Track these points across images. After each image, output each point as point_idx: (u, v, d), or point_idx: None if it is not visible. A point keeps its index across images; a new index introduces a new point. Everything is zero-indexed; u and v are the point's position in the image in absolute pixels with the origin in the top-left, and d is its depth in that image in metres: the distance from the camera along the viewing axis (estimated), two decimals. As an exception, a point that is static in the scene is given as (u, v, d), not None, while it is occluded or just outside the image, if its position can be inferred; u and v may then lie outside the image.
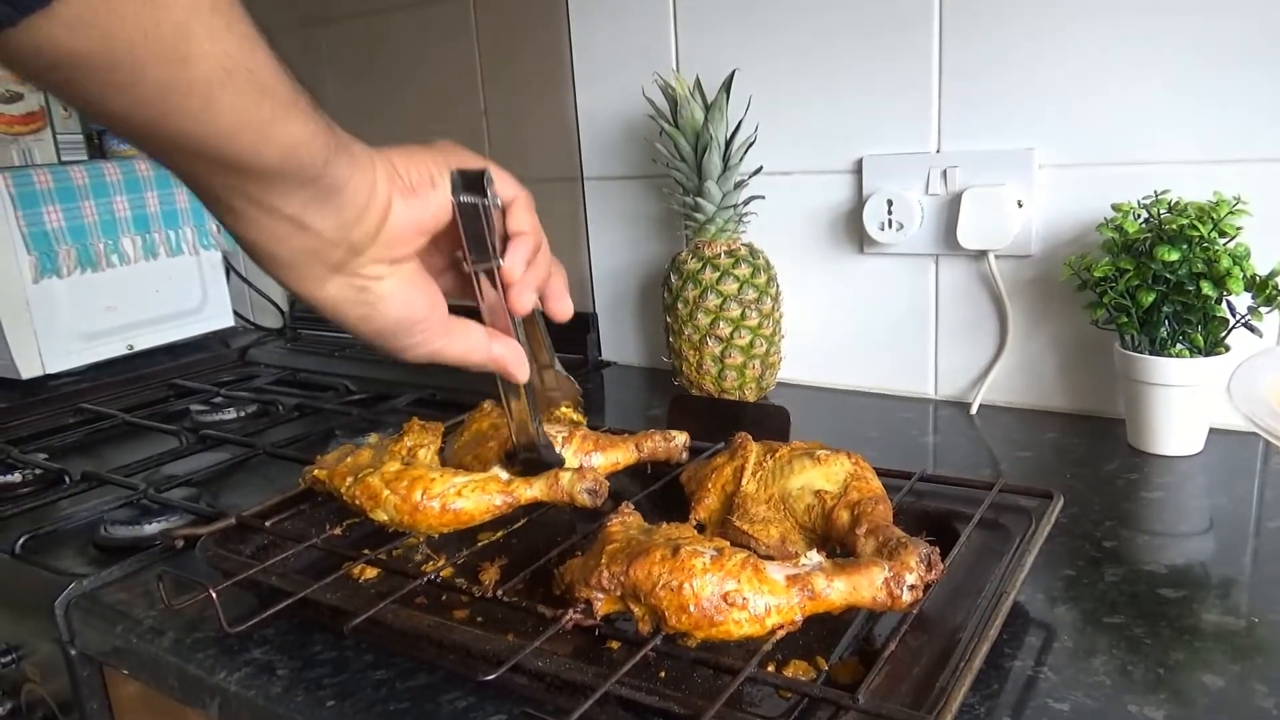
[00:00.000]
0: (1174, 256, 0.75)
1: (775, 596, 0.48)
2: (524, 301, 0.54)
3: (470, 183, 0.50)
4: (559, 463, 0.67)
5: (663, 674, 0.51)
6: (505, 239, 0.53)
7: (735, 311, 0.97)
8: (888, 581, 0.50)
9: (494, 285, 0.53)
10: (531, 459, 0.65)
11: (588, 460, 0.70)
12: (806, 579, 0.50)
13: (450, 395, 1.09)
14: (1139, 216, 0.79)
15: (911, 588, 0.50)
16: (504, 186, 0.53)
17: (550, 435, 0.68)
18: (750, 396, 1.00)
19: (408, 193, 0.47)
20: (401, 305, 0.48)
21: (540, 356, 0.65)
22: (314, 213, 0.43)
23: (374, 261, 0.46)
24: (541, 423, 0.65)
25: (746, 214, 1.00)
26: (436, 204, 0.49)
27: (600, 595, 0.51)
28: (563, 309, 0.58)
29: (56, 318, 1.30)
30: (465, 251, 0.52)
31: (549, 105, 1.20)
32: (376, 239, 0.46)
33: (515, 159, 1.27)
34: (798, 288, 1.05)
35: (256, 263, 0.45)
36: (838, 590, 0.50)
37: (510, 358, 0.55)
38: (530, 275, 0.54)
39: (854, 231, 1.01)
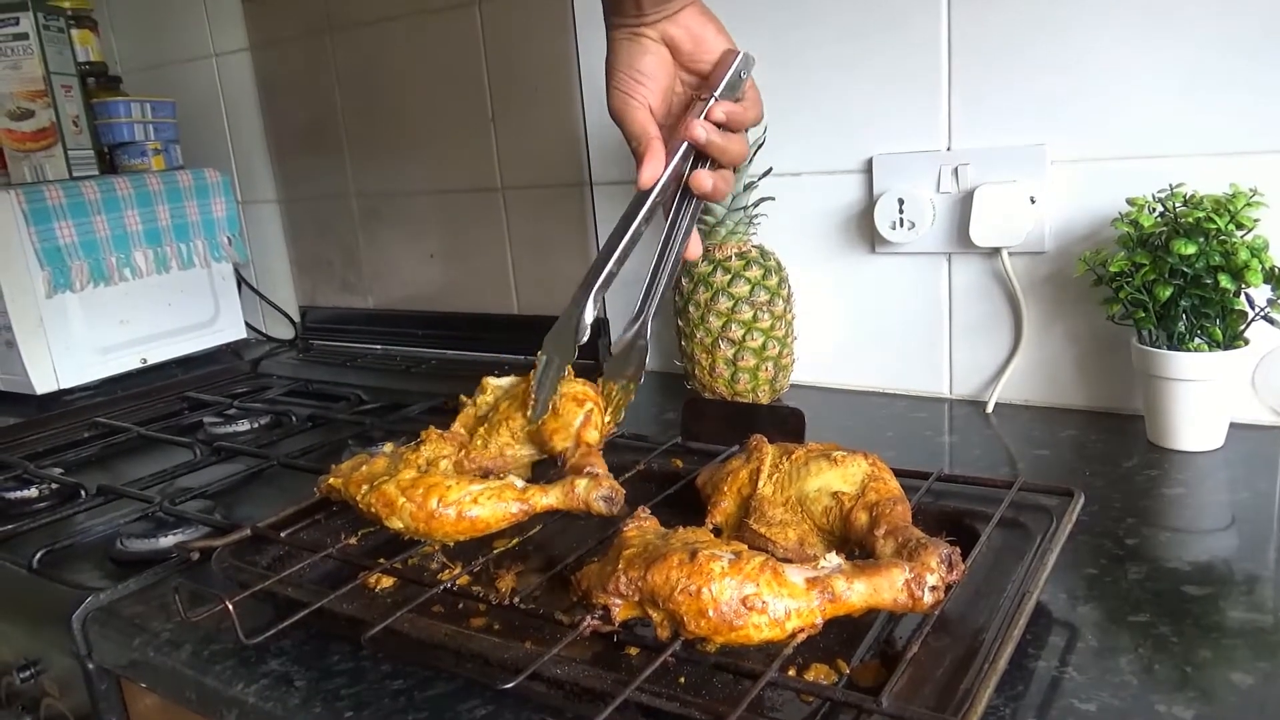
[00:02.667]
0: (1191, 250, 0.74)
1: (795, 599, 0.48)
2: (696, 128, 0.64)
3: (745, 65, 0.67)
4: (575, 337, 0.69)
5: (682, 680, 0.51)
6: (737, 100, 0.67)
7: (747, 314, 0.96)
8: (908, 583, 0.49)
9: (699, 112, 0.65)
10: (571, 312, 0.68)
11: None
12: (826, 581, 0.49)
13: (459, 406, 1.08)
14: (1154, 210, 0.79)
15: (933, 589, 0.49)
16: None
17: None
18: (763, 399, 1.00)
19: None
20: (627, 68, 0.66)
21: (645, 318, 0.71)
22: None
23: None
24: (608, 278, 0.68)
25: (757, 216, 1.00)
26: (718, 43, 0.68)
27: (618, 601, 0.51)
28: (703, 181, 0.66)
29: (70, 332, 1.31)
30: (708, 84, 0.66)
31: (556, 111, 1.20)
32: None
33: (522, 165, 1.27)
34: (809, 289, 1.04)
35: None
36: (858, 592, 0.49)
37: (655, 153, 0.65)
38: (720, 134, 0.66)
39: (865, 231, 1.00)
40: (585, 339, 0.67)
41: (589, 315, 0.67)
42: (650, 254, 0.70)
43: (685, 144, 0.65)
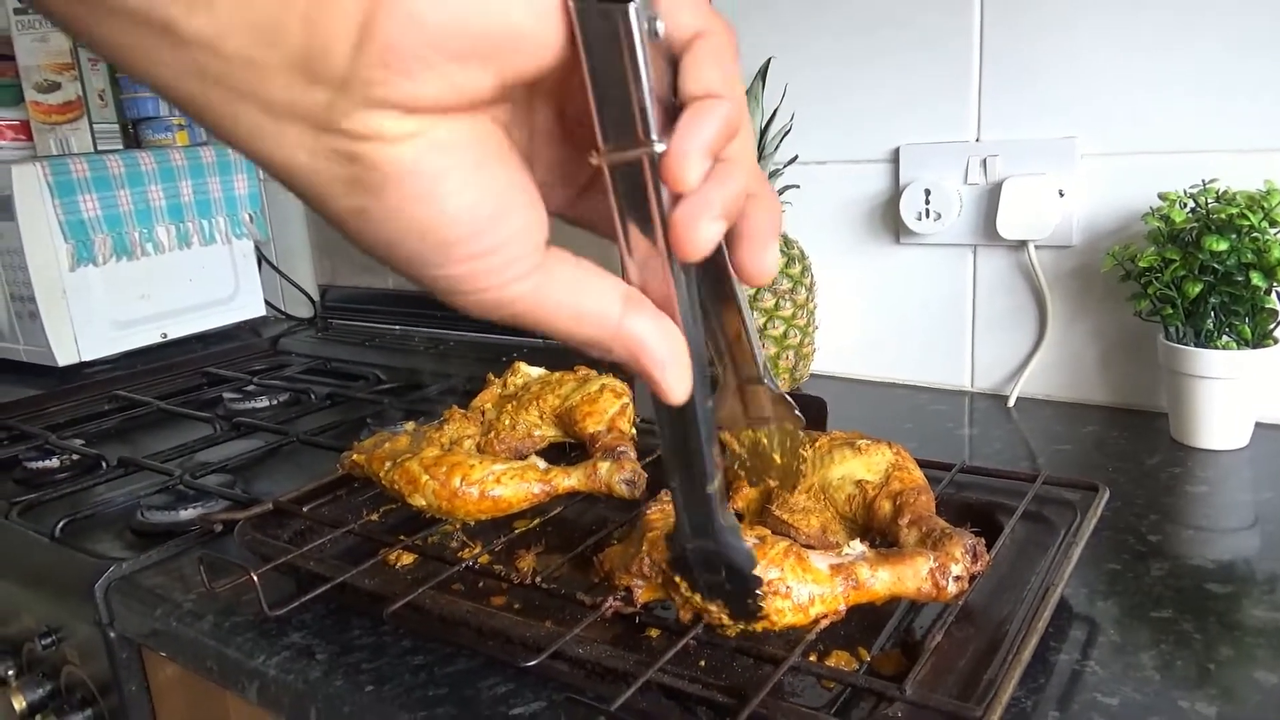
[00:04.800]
0: (1222, 246, 0.73)
1: (819, 585, 0.48)
2: (699, 233, 0.28)
3: None
4: (752, 576, 0.45)
5: (703, 663, 0.51)
6: (675, 106, 0.28)
7: (769, 302, 0.96)
8: (933, 572, 0.49)
9: (645, 201, 0.28)
10: (704, 551, 0.42)
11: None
12: (850, 568, 0.49)
13: (481, 385, 1.09)
14: (1186, 205, 0.78)
15: (957, 579, 0.49)
16: (679, 8, 0.28)
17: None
18: (784, 387, 0.99)
19: None
20: (432, 198, 0.26)
21: (739, 356, 0.37)
22: (179, 5, 0.23)
23: (366, 105, 0.24)
24: (726, 491, 0.42)
25: (781, 203, 0.99)
26: (501, 7, 0.25)
27: (640, 583, 0.51)
28: (763, 262, 0.33)
29: (92, 306, 1.32)
30: (594, 119, 0.27)
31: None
32: (361, 58, 0.24)
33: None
34: (833, 278, 1.04)
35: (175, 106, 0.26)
36: (882, 580, 0.49)
37: (656, 348, 0.30)
38: (719, 183, 0.29)
39: (890, 221, 1.00)
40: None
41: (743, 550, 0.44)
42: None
43: (682, 275, 0.31)
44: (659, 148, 0.27)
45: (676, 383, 0.31)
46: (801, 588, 0.48)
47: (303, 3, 0.23)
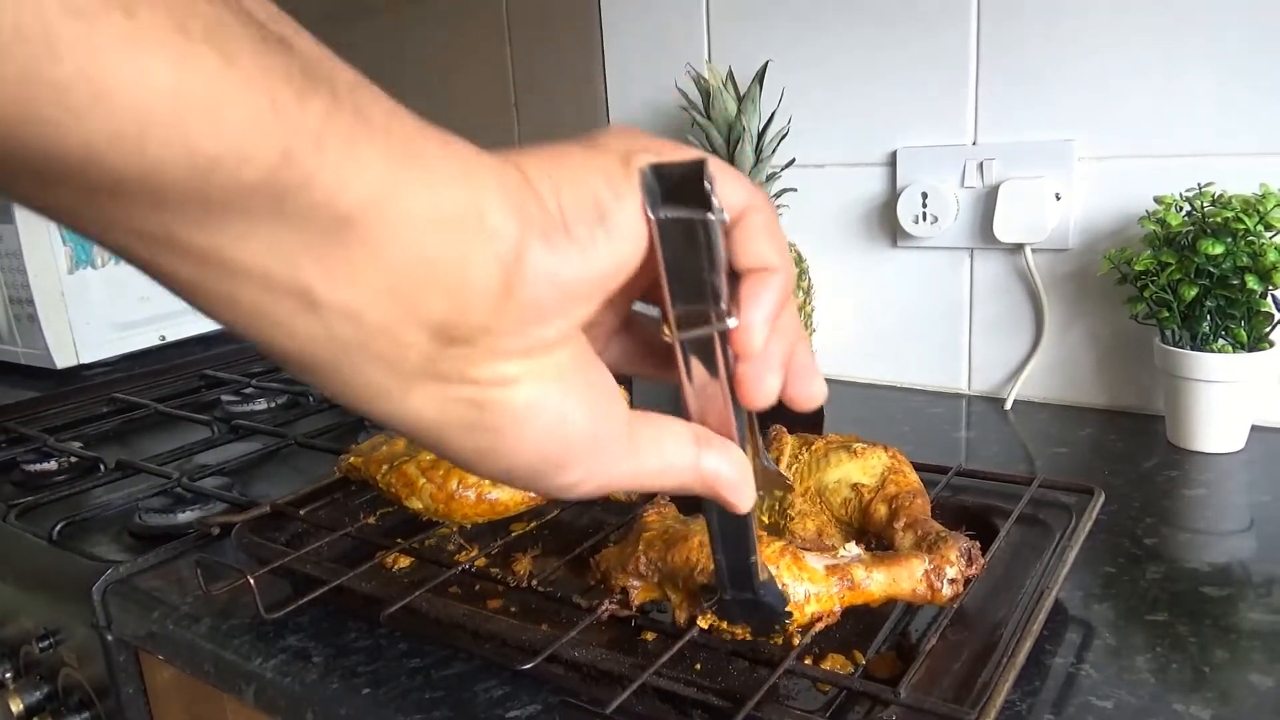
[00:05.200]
0: (1218, 250, 0.73)
1: (815, 584, 0.48)
2: (765, 387, 0.32)
3: (678, 186, 0.29)
4: (782, 612, 0.47)
5: (699, 666, 0.51)
6: (733, 281, 0.31)
7: (766, 305, 0.96)
8: (928, 574, 0.49)
9: (713, 361, 0.31)
10: (742, 603, 0.44)
11: None
12: (846, 569, 0.49)
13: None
14: (1182, 209, 0.78)
15: (951, 581, 0.49)
16: (728, 190, 0.31)
17: None
18: (781, 390, 0.99)
19: (556, 233, 0.26)
20: (552, 427, 0.28)
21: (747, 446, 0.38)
22: (317, 271, 0.23)
23: (494, 355, 0.26)
24: (760, 552, 0.42)
25: (778, 207, 0.99)
26: (613, 249, 0.27)
27: (637, 583, 0.51)
28: (811, 392, 0.34)
29: (91, 308, 1.32)
30: (666, 304, 0.30)
31: (579, 97, 1.20)
32: (499, 317, 0.25)
33: (545, 152, 1.27)
34: (830, 281, 1.04)
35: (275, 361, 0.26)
36: (877, 581, 0.49)
37: (730, 478, 0.33)
38: (777, 344, 0.32)
39: (887, 225, 1.00)
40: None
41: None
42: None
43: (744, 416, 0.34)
44: (731, 324, 0.30)
45: (746, 500, 0.34)
46: (798, 586, 0.48)
47: (444, 274, 0.24)
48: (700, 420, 0.33)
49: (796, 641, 0.48)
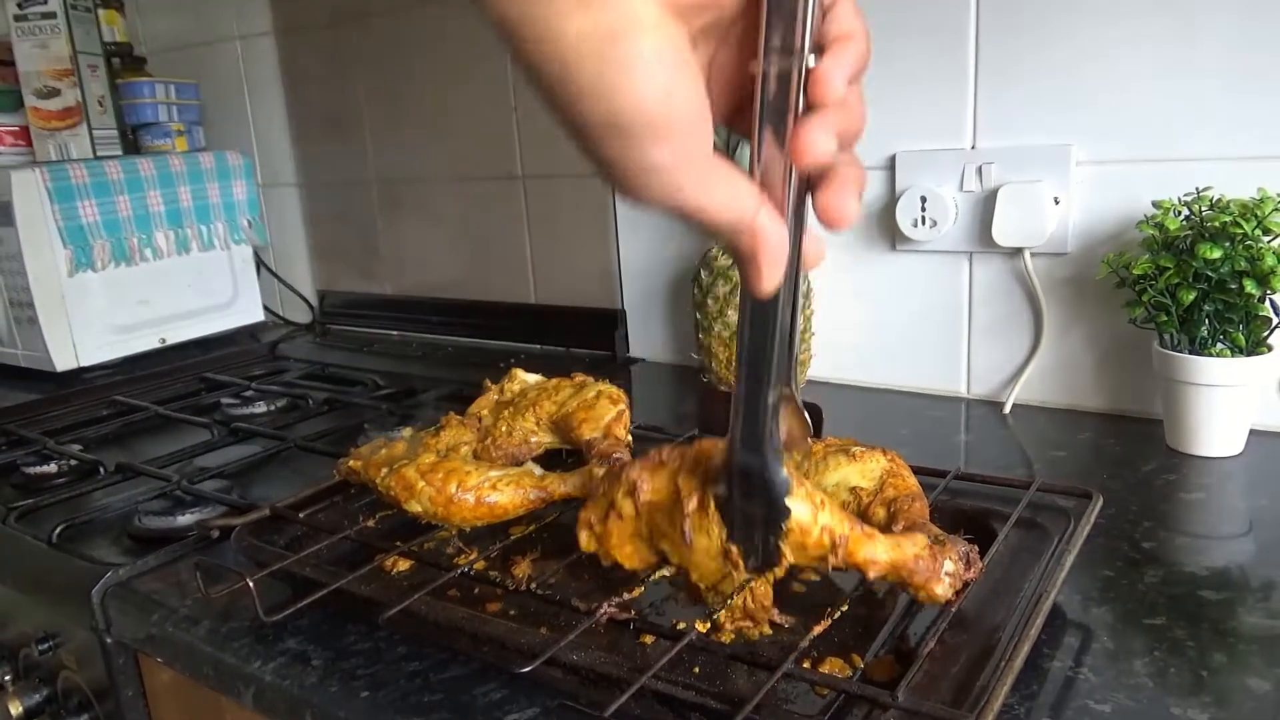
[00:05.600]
0: (1216, 254, 0.73)
1: (826, 513, 0.48)
2: (818, 143, 0.34)
3: None
4: (783, 507, 0.46)
5: (697, 669, 0.51)
6: (819, 45, 0.35)
7: (766, 308, 0.96)
8: (931, 547, 0.49)
9: (788, 101, 0.34)
10: (748, 470, 0.44)
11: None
12: (856, 520, 0.50)
13: (479, 391, 1.09)
14: (1180, 213, 0.78)
15: (949, 574, 0.49)
16: None
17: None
18: (780, 394, 0.99)
19: None
20: (666, 84, 0.32)
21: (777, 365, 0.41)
22: None
23: None
24: (779, 424, 0.42)
25: (778, 210, 0.99)
26: None
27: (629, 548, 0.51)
28: (845, 206, 0.37)
29: (91, 311, 1.32)
30: (763, 36, 0.34)
31: (579, 101, 1.20)
32: None
33: (544, 154, 1.27)
34: (828, 285, 1.04)
35: None
36: (883, 544, 0.49)
37: (773, 242, 0.36)
38: (840, 110, 0.35)
39: (886, 228, 1.00)
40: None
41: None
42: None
43: (794, 178, 0.37)
44: (811, 61, 0.34)
45: (772, 277, 0.37)
46: (803, 506, 0.47)
47: None
48: (763, 188, 0.36)
49: (808, 638, 0.48)
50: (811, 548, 0.48)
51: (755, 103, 0.35)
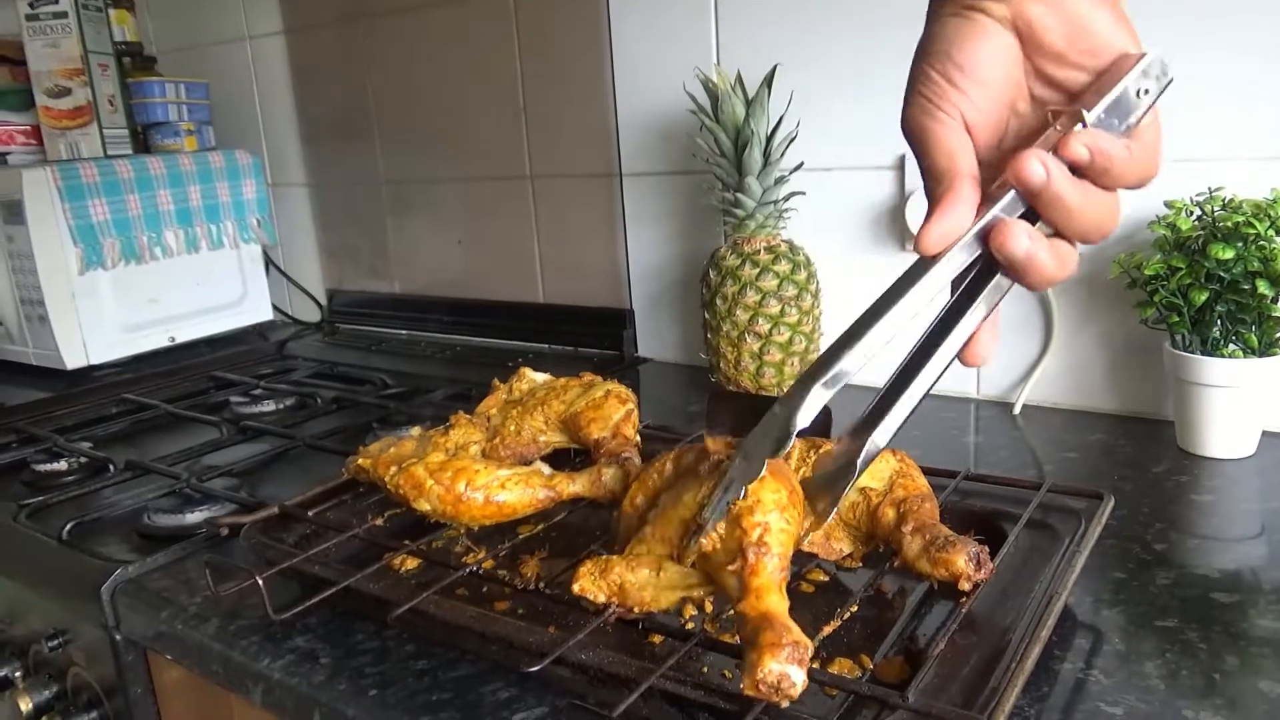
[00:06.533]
0: (1228, 255, 0.73)
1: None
2: (1035, 165, 0.40)
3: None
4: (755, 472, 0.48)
5: (705, 669, 0.51)
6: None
7: (774, 308, 0.96)
8: (785, 638, 0.44)
9: (1047, 141, 0.42)
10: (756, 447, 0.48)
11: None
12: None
13: (487, 391, 1.09)
14: (1192, 214, 0.78)
15: (789, 661, 0.42)
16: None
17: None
18: (788, 394, 0.99)
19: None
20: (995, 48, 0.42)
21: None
22: None
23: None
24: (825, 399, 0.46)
25: (787, 210, 0.99)
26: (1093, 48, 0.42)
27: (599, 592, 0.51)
28: (1013, 245, 0.42)
29: (101, 309, 1.33)
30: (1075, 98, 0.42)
31: (588, 101, 1.20)
32: None
33: (552, 154, 1.27)
34: (838, 284, 1.04)
35: None
36: (770, 600, 0.46)
37: (960, 201, 0.42)
38: (1070, 179, 0.41)
39: (896, 228, 1.00)
40: (788, 448, 0.47)
41: (803, 416, 0.46)
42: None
43: (1011, 193, 0.42)
44: (1090, 118, 0.41)
45: (937, 233, 0.42)
46: (776, 518, 0.48)
47: None
48: (984, 190, 0.43)
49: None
50: (741, 529, 0.47)
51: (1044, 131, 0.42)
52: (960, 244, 0.42)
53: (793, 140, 0.97)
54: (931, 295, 0.44)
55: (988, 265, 0.43)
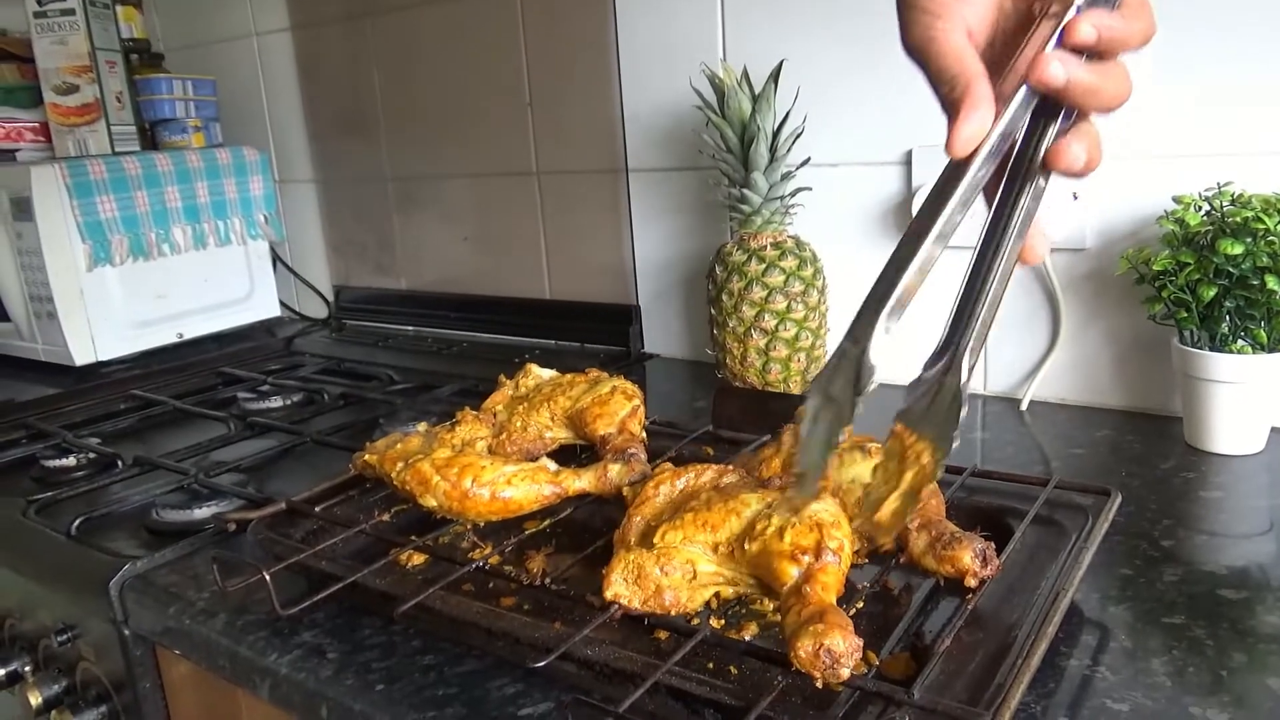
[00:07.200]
0: (1237, 250, 0.73)
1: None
2: (1051, 64, 0.41)
3: None
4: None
5: (711, 665, 0.51)
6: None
7: (781, 304, 0.96)
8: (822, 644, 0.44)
9: (1046, 37, 0.42)
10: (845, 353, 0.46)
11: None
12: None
13: (493, 387, 1.09)
14: (1201, 209, 0.77)
15: (833, 656, 0.44)
16: None
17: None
18: (795, 390, 0.99)
19: None
20: None
21: (974, 339, 0.47)
22: None
23: None
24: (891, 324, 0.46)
25: (793, 206, 0.99)
26: None
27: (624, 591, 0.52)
28: (1069, 151, 0.43)
29: (109, 306, 1.33)
30: None
31: (594, 96, 1.20)
32: None
33: (558, 150, 1.27)
34: (845, 281, 1.04)
35: None
36: (832, 614, 0.46)
37: (979, 99, 0.42)
38: (1082, 64, 0.42)
39: (903, 224, 1.00)
40: (872, 385, 0.46)
41: (874, 352, 0.46)
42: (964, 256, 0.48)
43: (1024, 89, 0.43)
44: (1073, 12, 0.41)
45: (965, 135, 0.42)
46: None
47: None
48: (1000, 85, 0.43)
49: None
50: (822, 533, 0.49)
51: (1034, 25, 0.42)
52: (986, 148, 0.43)
53: (799, 136, 0.96)
54: (967, 200, 0.44)
55: (1016, 168, 0.45)
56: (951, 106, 0.43)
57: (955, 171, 0.43)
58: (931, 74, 0.45)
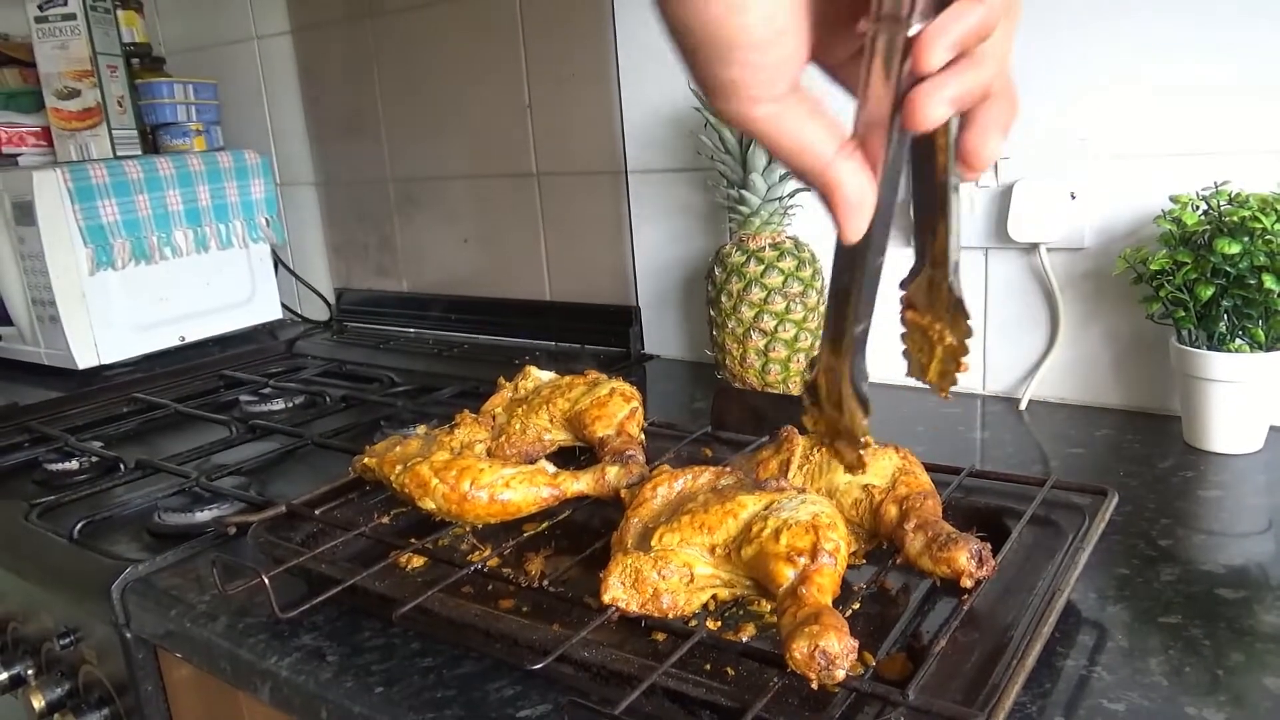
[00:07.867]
0: (1234, 249, 0.73)
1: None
2: (927, 110, 0.32)
3: None
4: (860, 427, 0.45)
5: (708, 666, 0.51)
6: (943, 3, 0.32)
7: (779, 305, 0.96)
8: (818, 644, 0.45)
9: (889, 68, 0.33)
10: (828, 411, 0.45)
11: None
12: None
13: (494, 388, 1.09)
14: (1198, 208, 0.77)
15: (827, 657, 0.44)
16: None
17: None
18: (794, 390, 0.99)
19: None
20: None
21: (938, 248, 0.42)
22: None
23: None
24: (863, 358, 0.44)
25: (792, 206, 0.99)
26: None
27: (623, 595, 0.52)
28: (984, 148, 0.36)
29: (111, 309, 1.33)
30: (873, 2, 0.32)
31: (593, 98, 1.20)
32: None
33: (558, 152, 1.27)
34: (843, 281, 1.04)
35: None
36: (827, 615, 0.46)
37: (851, 191, 0.35)
38: (957, 73, 0.33)
39: (900, 224, 0.99)
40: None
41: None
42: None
43: (896, 136, 0.34)
44: (914, 30, 0.31)
45: (854, 226, 0.36)
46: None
47: None
48: (860, 143, 0.34)
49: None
50: (819, 535, 0.50)
51: (865, 58, 0.33)
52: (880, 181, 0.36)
53: (797, 137, 0.96)
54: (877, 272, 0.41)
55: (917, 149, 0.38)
56: (823, 200, 0.36)
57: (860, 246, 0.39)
58: (786, 167, 0.36)
